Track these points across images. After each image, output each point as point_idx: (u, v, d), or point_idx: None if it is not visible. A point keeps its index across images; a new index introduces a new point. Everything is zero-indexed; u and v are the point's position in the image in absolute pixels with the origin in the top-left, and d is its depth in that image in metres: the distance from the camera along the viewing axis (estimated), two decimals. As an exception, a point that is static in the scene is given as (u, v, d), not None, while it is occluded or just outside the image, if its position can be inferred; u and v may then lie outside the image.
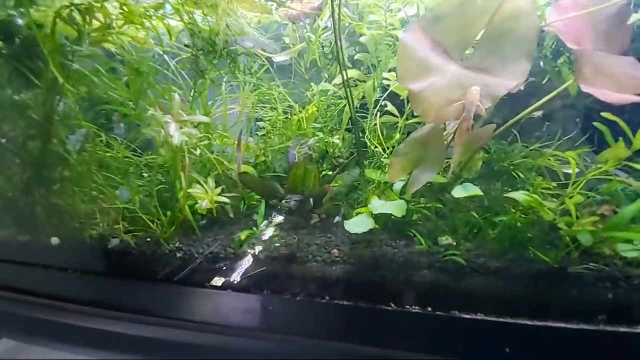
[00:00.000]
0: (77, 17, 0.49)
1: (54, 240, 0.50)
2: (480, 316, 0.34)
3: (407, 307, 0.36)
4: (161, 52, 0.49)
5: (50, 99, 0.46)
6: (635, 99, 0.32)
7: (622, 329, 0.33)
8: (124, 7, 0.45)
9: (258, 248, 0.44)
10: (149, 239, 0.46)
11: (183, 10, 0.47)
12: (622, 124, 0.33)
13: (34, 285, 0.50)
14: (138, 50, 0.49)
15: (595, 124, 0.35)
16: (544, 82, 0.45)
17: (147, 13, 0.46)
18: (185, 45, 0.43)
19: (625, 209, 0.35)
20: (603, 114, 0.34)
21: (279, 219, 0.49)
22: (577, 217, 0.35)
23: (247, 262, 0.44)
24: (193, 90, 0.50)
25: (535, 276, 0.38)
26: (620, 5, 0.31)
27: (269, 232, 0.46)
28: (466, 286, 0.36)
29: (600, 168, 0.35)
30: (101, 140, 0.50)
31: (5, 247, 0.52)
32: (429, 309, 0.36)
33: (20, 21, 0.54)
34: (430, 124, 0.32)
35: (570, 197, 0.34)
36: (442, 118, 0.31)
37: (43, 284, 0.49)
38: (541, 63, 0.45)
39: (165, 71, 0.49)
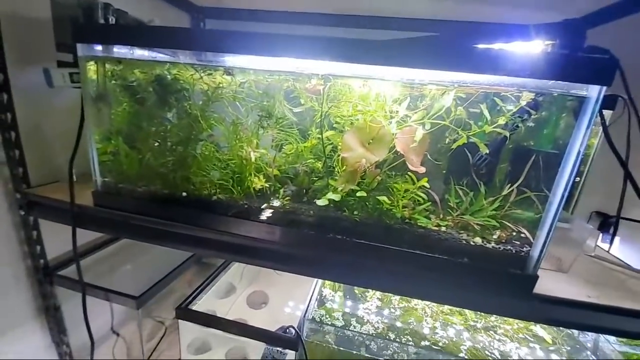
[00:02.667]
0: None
1: (183, 194, 1.02)
2: (360, 240, 0.89)
3: (334, 235, 0.90)
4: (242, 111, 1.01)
5: (190, 124, 0.98)
6: (422, 169, 0.86)
7: (413, 251, 0.88)
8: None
9: (279, 207, 0.98)
10: (230, 199, 0.98)
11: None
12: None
13: (171, 215, 1.02)
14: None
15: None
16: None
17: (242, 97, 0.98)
18: (258, 115, 0.96)
19: (419, 207, 0.89)
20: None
21: (290, 197, 1.03)
22: (404, 207, 0.89)
23: (274, 212, 0.98)
24: (257, 131, 1.02)
25: (385, 227, 0.91)
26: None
27: (284, 202, 1.00)
28: (359, 230, 0.90)
29: (414, 189, 0.89)
30: (209, 148, 1.02)
31: (155, 195, 1.05)
32: (345, 237, 0.90)
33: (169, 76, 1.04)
34: (350, 168, 0.85)
35: (400, 200, 0.88)
36: (353, 167, 0.84)
37: (176, 215, 1.02)
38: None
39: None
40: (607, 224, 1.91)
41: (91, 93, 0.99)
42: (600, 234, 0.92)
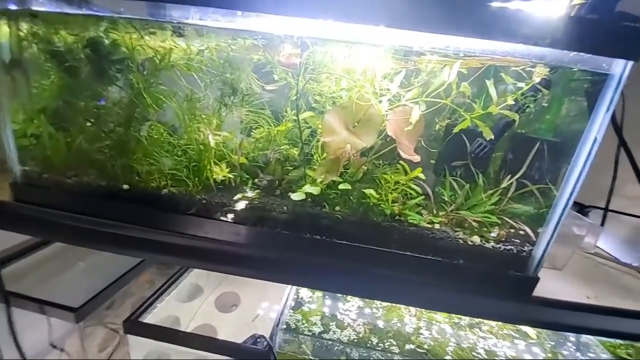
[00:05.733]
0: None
1: (125, 186, 0.83)
2: (342, 241, 0.76)
3: (312, 235, 0.76)
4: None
5: (132, 102, 0.77)
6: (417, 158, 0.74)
7: (403, 252, 0.76)
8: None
9: (246, 202, 0.82)
10: (185, 193, 0.77)
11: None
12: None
13: (111, 213, 0.83)
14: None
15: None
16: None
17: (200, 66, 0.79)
18: (219, 90, 0.78)
19: (412, 201, 0.78)
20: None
21: (260, 189, 0.87)
22: (393, 202, 0.77)
23: (240, 208, 0.82)
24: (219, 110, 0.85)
25: (371, 225, 0.75)
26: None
27: (253, 195, 0.84)
28: (341, 228, 0.77)
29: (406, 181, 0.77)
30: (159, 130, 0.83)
31: (90, 188, 0.83)
32: (324, 237, 0.77)
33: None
34: (332, 156, 0.71)
35: (390, 193, 0.76)
36: (336, 155, 0.70)
37: (116, 213, 0.83)
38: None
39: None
40: (583, 214, 1.93)
41: (2, 59, 0.76)
42: (600, 230, 0.86)
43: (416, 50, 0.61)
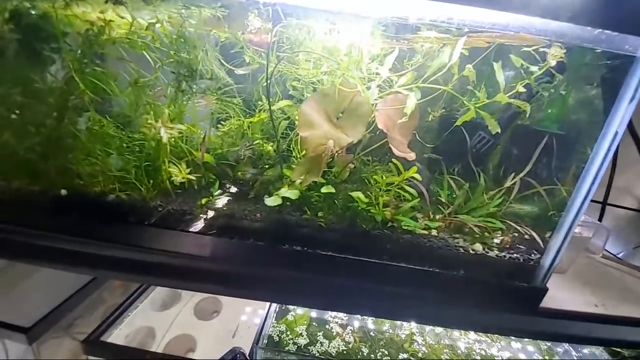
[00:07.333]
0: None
1: (63, 192, 0.69)
2: (326, 252, 0.65)
3: (291, 246, 0.66)
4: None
5: (65, 90, 0.63)
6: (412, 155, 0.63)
7: (397, 264, 0.67)
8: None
9: (213, 208, 0.70)
10: (138, 198, 0.64)
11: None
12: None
13: (48, 224, 0.68)
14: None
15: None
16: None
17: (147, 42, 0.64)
18: (172, 72, 0.64)
19: (406, 205, 0.68)
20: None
21: (228, 193, 0.75)
22: (385, 206, 0.67)
23: (204, 216, 0.70)
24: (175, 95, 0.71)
25: (359, 233, 0.65)
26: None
27: (220, 200, 0.72)
28: (324, 238, 0.67)
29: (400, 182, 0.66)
30: (102, 124, 0.69)
31: (22, 194, 0.68)
32: (305, 248, 0.66)
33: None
34: (312, 153, 0.60)
35: (381, 196, 0.65)
36: (316, 152, 0.58)
37: (55, 223, 0.68)
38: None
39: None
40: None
41: None
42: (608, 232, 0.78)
43: (412, 23, 0.50)
